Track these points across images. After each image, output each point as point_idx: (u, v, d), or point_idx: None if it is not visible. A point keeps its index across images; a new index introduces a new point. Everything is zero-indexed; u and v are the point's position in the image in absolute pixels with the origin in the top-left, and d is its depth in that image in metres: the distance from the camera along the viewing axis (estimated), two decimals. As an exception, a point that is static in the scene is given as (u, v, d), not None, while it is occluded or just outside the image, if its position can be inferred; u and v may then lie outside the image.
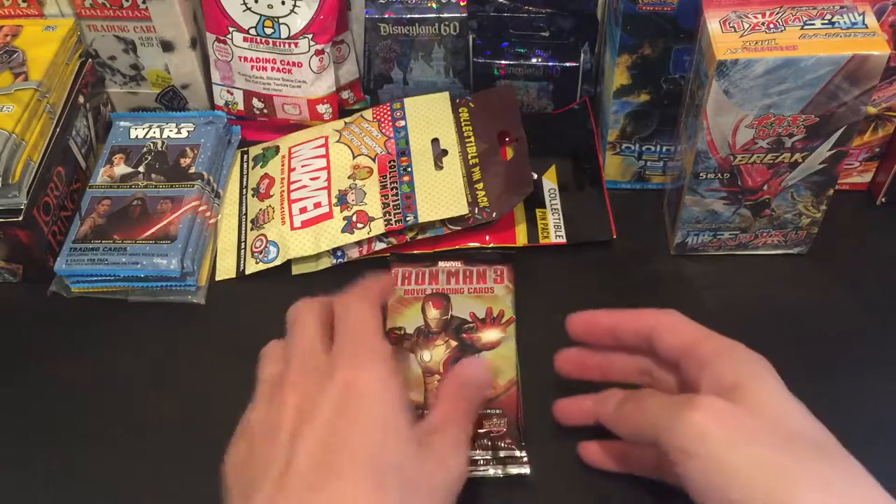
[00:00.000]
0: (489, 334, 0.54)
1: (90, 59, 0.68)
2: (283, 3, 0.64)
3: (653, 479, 0.45)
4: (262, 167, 0.67)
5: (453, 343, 0.53)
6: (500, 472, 0.48)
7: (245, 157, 0.69)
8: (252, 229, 0.63)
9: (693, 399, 0.36)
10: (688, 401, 0.36)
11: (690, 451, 0.34)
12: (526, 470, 0.48)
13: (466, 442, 0.41)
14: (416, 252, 0.60)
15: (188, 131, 0.66)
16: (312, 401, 0.37)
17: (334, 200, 0.62)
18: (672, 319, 0.43)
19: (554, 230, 0.61)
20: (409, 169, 0.62)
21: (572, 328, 0.46)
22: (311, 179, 0.64)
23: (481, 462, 0.48)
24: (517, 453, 0.49)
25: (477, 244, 0.60)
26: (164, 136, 0.66)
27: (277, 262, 0.60)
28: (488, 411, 0.50)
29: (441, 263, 0.58)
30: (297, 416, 0.37)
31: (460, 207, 0.60)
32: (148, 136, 0.66)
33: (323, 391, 0.37)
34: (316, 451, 0.35)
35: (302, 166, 0.65)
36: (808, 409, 0.38)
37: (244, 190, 0.66)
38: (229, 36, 0.66)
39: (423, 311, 0.55)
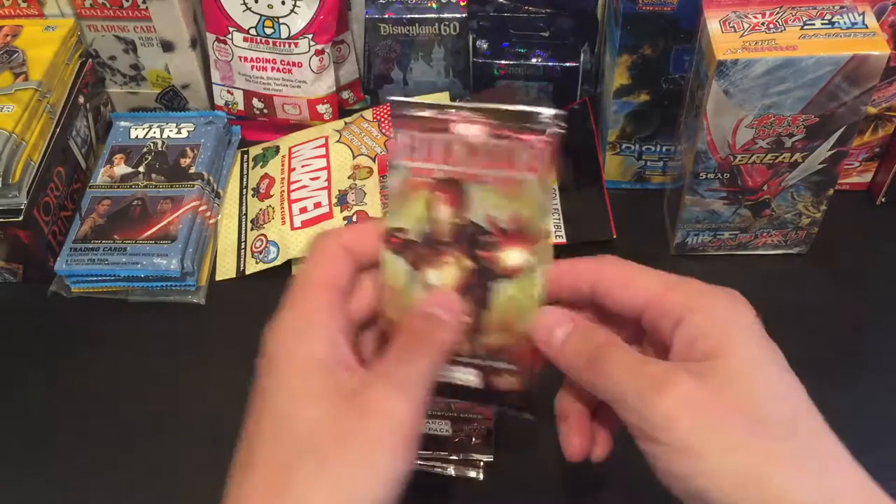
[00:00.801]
0: (512, 255, 0.37)
1: (90, 59, 0.68)
2: (283, 3, 0.64)
3: None
4: (262, 167, 0.67)
5: (466, 263, 0.37)
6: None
7: (245, 157, 0.68)
8: (252, 229, 0.63)
9: (661, 381, 0.33)
10: (656, 382, 0.33)
11: (656, 438, 0.33)
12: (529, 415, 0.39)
13: (416, 383, 0.34)
14: (419, 100, 0.38)
15: (188, 131, 0.66)
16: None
17: (334, 200, 0.62)
18: (619, 271, 0.37)
19: (554, 230, 0.61)
20: (409, 169, 0.62)
21: None
22: (312, 179, 0.64)
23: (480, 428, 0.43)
24: (526, 416, 0.39)
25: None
26: (165, 136, 0.66)
27: (277, 262, 0.60)
28: (499, 365, 0.39)
29: (459, 126, 0.37)
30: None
31: (460, 207, 0.59)
32: (148, 136, 0.66)
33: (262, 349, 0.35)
34: (246, 433, 0.33)
35: (302, 166, 0.65)
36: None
37: (244, 190, 0.66)
38: (229, 36, 0.66)
39: (431, 206, 0.37)
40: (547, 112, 0.37)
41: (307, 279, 0.36)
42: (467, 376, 0.40)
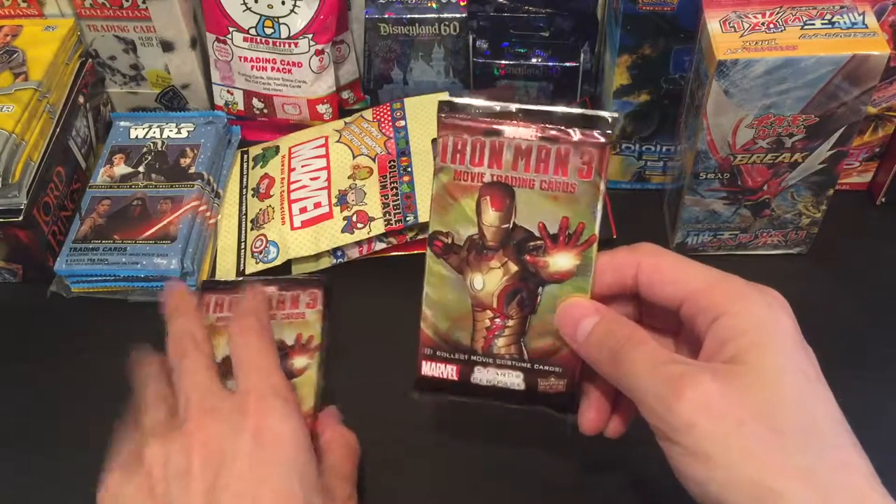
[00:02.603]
0: (561, 260, 0.38)
1: (90, 59, 0.68)
2: (283, 3, 0.64)
3: None
4: (262, 167, 0.67)
5: (513, 268, 0.39)
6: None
7: (245, 157, 0.68)
8: (252, 229, 0.63)
9: (681, 383, 0.33)
10: (676, 383, 0.33)
11: (674, 440, 0.32)
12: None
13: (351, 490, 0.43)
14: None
15: (188, 131, 0.66)
16: (222, 449, 0.36)
17: (334, 200, 0.62)
18: (658, 263, 0.37)
19: (554, 230, 0.61)
20: (409, 169, 0.62)
21: None
22: (311, 179, 0.64)
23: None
24: (570, 417, 0.41)
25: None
26: (164, 136, 0.66)
27: (277, 262, 0.60)
28: (545, 368, 0.39)
29: (508, 129, 0.38)
30: (206, 466, 0.36)
31: (460, 207, 0.59)
32: (148, 136, 0.66)
33: (235, 439, 0.36)
34: None
35: (302, 166, 0.65)
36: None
37: (244, 190, 0.66)
38: (229, 36, 0.66)
39: (479, 210, 0.38)
40: (603, 114, 0.37)
41: (274, 361, 0.42)
42: (511, 378, 0.40)
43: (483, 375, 0.39)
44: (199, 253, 0.60)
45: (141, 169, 0.64)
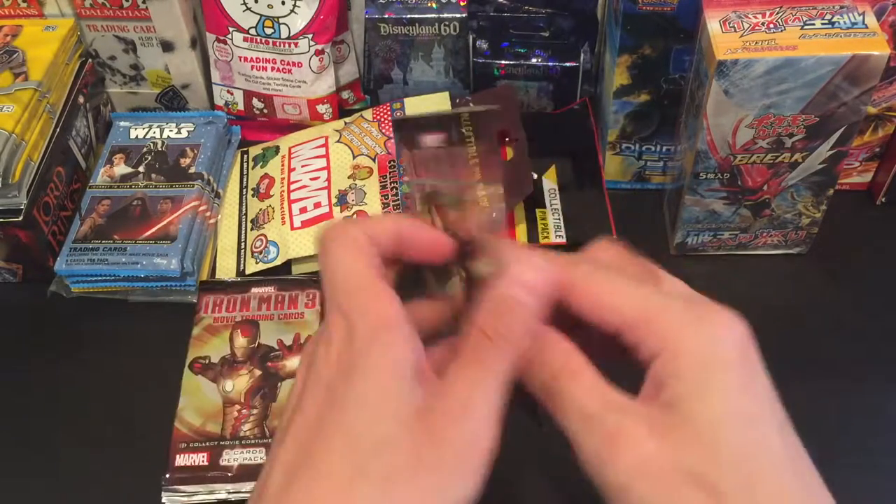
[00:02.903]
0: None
1: (90, 59, 0.68)
2: (283, 3, 0.64)
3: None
4: (262, 167, 0.67)
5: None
6: None
7: (245, 157, 0.68)
8: (252, 229, 0.63)
9: (618, 441, 0.30)
10: (612, 442, 0.30)
11: (610, 498, 0.30)
12: None
13: (489, 401, 0.30)
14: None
15: (188, 131, 0.66)
16: (316, 367, 0.31)
17: (334, 200, 0.62)
18: (592, 287, 0.33)
19: (554, 230, 0.61)
20: (409, 169, 0.62)
21: None
22: (311, 179, 0.64)
23: None
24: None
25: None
26: (164, 136, 0.66)
27: (277, 262, 0.60)
28: None
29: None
30: (301, 385, 0.32)
31: (460, 207, 0.59)
32: (148, 136, 0.66)
33: (326, 354, 0.31)
34: (302, 435, 0.30)
35: (302, 166, 0.65)
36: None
37: (244, 190, 0.66)
38: (229, 36, 0.66)
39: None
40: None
41: (360, 274, 0.32)
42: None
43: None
44: (199, 253, 0.60)
45: (141, 169, 0.64)
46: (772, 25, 0.49)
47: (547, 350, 0.33)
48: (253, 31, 0.66)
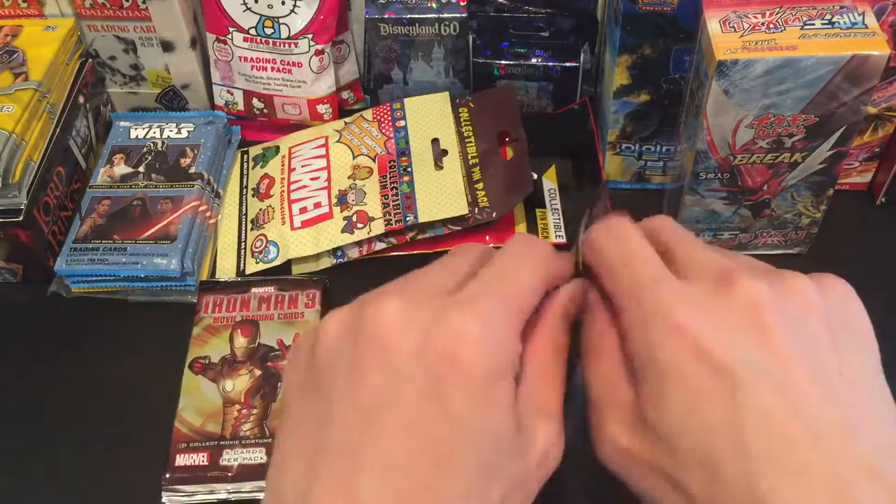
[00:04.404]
0: None
1: (90, 59, 0.68)
2: (283, 3, 0.64)
3: None
4: (262, 167, 0.67)
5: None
6: None
7: (245, 157, 0.68)
8: (252, 229, 0.63)
9: (600, 424, 0.33)
10: (600, 419, 0.33)
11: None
12: None
13: (560, 404, 0.33)
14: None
15: (188, 131, 0.66)
16: (398, 363, 0.29)
17: (334, 200, 0.62)
18: (693, 244, 0.34)
19: (554, 230, 0.61)
20: (409, 169, 0.62)
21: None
22: (311, 179, 0.64)
23: None
24: None
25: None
26: (164, 136, 0.66)
27: (277, 262, 0.60)
28: None
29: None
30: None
31: (460, 207, 0.60)
32: (148, 136, 0.66)
33: (420, 349, 0.29)
34: (388, 449, 0.28)
35: (302, 166, 0.65)
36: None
37: (244, 190, 0.66)
38: (229, 36, 0.66)
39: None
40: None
41: (522, 293, 0.32)
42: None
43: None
44: (199, 253, 0.60)
45: (141, 169, 0.64)
46: (772, 25, 0.49)
47: (585, 328, 0.35)
48: (253, 31, 0.66)
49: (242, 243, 0.62)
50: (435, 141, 0.64)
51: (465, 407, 0.28)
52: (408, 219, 0.59)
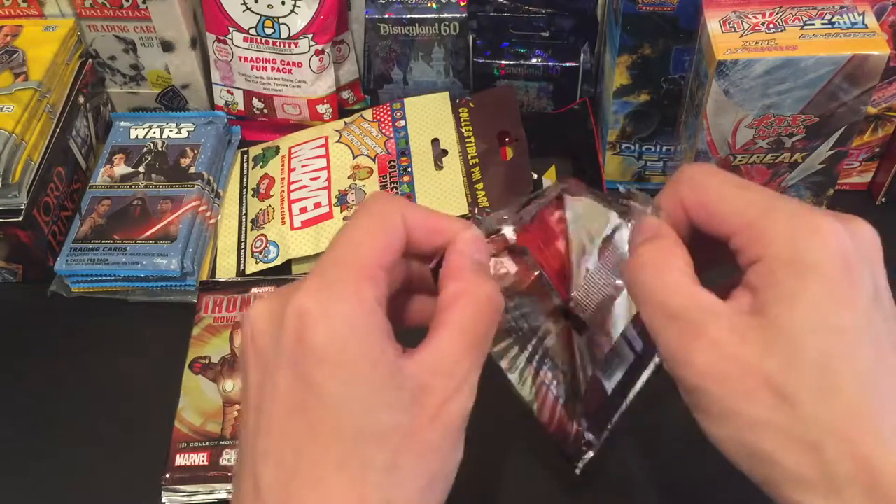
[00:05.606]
0: None
1: (90, 59, 0.68)
2: (283, 3, 0.64)
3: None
4: (262, 167, 0.67)
5: None
6: None
7: (245, 157, 0.69)
8: (252, 229, 0.63)
9: (694, 343, 0.30)
10: (689, 342, 0.30)
11: (685, 393, 0.31)
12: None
13: (473, 372, 0.31)
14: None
15: (188, 131, 0.66)
16: (266, 359, 0.30)
17: (334, 200, 0.62)
18: (704, 197, 0.33)
19: (554, 230, 0.61)
20: (409, 169, 0.62)
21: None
22: (312, 179, 0.64)
23: None
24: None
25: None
26: (165, 136, 0.66)
27: (277, 262, 0.60)
28: None
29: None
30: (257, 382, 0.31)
31: (460, 207, 0.60)
32: (148, 136, 0.66)
33: (277, 341, 0.30)
34: (286, 445, 0.29)
35: (302, 166, 0.65)
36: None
37: (244, 190, 0.66)
38: (229, 36, 0.66)
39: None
40: None
41: (361, 254, 0.31)
42: None
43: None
44: (199, 253, 0.60)
45: (141, 169, 0.64)
46: (772, 25, 0.49)
47: (638, 246, 0.34)
48: (253, 31, 0.66)
49: (242, 243, 0.62)
50: (435, 141, 0.64)
51: (324, 381, 0.29)
52: (408, 219, 0.59)
